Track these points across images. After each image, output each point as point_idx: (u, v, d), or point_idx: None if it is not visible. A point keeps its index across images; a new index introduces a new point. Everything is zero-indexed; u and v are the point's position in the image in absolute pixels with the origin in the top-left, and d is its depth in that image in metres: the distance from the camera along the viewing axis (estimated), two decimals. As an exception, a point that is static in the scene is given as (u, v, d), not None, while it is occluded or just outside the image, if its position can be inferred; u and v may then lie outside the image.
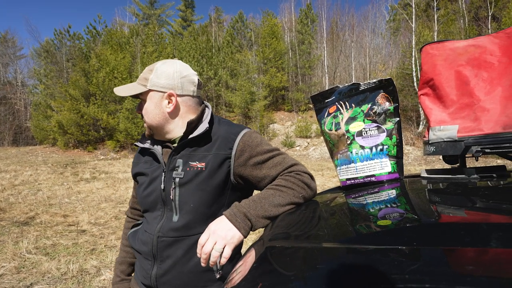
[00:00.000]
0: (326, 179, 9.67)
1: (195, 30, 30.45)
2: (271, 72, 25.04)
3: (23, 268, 3.44)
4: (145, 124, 1.09)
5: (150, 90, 1.04)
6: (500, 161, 10.05)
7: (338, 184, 1.17)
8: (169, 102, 1.04)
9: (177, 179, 1.00)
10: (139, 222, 1.18)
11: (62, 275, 3.28)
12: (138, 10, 37.61)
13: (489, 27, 19.29)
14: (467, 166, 1.05)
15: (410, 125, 18.96)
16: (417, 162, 13.84)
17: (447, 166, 1.32)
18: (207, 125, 1.03)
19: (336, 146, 1.13)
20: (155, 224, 1.05)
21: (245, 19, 29.58)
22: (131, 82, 22.26)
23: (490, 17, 19.51)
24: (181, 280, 1.01)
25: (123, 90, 1.07)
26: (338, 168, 1.13)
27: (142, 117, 1.08)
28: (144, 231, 1.09)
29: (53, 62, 25.71)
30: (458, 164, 1.07)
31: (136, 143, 1.14)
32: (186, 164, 1.01)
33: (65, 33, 26.01)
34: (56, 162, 15.43)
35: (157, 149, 1.09)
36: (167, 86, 1.03)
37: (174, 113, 1.05)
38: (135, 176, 1.17)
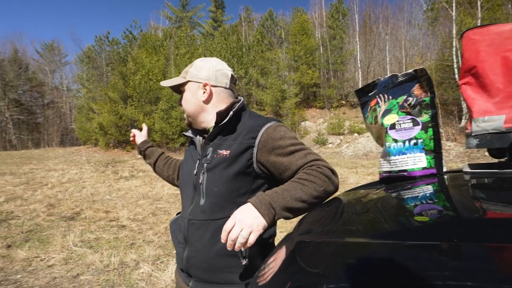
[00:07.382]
0: (360, 177, 9.38)
1: (225, 30, 30.79)
2: (302, 69, 24.72)
3: (70, 259, 3.69)
4: (184, 115, 1.22)
5: (188, 81, 1.18)
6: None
7: (373, 180, 1.15)
8: (204, 92, 1.16)
9: (205, 165, 1.09)
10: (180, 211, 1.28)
11: (104, 267, 3.48)
12: (171, 13, 38.76)
13: (542, 11, 17.65)
14: (516, 160, 0.97)
15: (451, 119, 17.86)
16: (459, 159, 13.03)
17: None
18: (231, 114, 1.09)
19: (380, 138, 1.11)
20: (187, 208, 1.15)
21: (274, 16, 29.43)
22: (165, 83, 23.08)
23: (542, 0, 17.83)
24: (208, 263, 1.05)
25: (167, 82, 1.22)
26: (379, 160, 1.11)
27: (182, 108, 1.21)
28: (181, 216, 1.20)
29: (94, 67, 27.24)
30: (506, 158, 0.99)
31: (184, 133, 1.28)
32: (214, 151, 1.09)
33: (105, 39, 27.42)
34: (98, 161, 16.34)
35: (198, 138, 1.20)
36: (203, 78, 1.16)
37: (207, 102, 1.17)
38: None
